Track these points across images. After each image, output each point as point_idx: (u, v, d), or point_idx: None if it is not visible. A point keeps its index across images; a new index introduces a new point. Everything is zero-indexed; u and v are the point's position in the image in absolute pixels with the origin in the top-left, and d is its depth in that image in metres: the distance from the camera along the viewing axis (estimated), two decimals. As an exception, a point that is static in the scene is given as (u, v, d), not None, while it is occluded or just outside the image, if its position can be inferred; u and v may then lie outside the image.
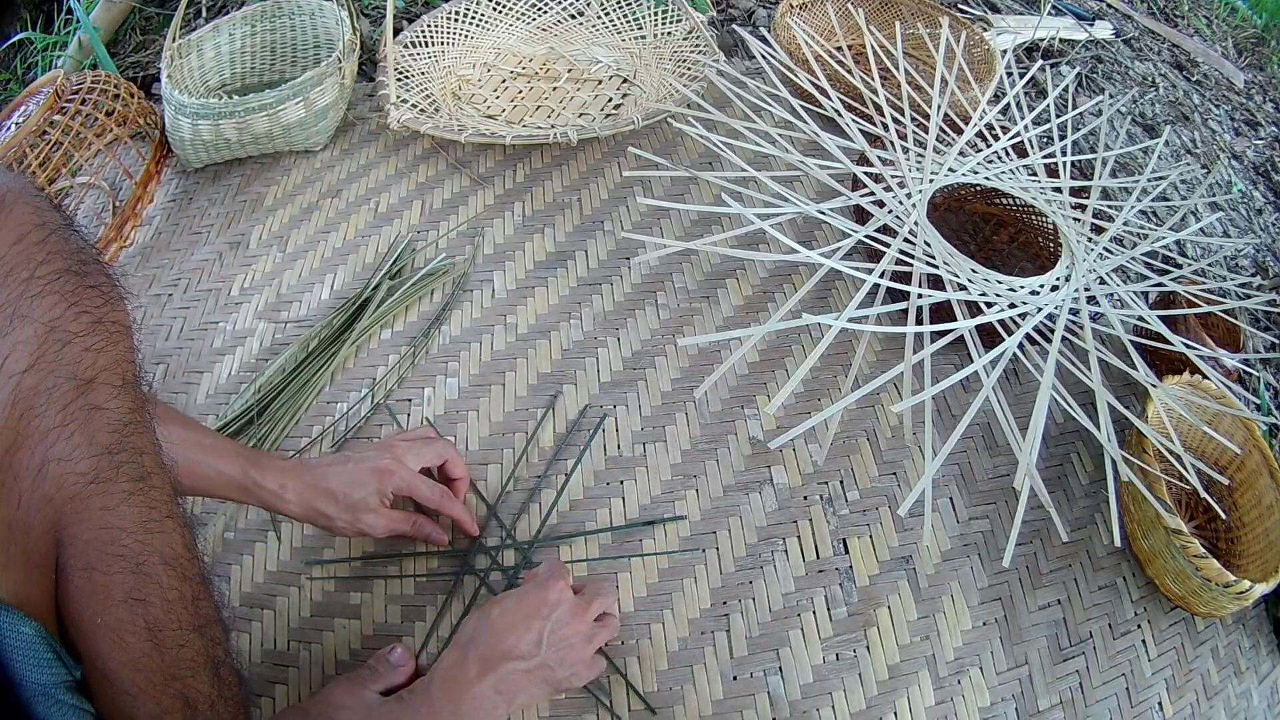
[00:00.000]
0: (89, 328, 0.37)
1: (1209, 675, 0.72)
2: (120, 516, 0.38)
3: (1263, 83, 1.61)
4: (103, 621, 0.37)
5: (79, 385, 0.36)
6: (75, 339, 0.36)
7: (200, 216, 1.01)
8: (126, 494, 0.38)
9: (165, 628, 0.39)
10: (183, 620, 0.40)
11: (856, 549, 0.72)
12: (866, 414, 0.81)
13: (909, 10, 1.24)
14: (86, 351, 0.37)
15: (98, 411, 0.37)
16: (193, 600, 0.41)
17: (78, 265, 0.37)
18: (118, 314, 0.39)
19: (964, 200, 1.01)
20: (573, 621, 0.58)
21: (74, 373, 0.36)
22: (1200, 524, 0.80)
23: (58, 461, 0.35)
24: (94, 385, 0.37)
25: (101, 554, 0.37)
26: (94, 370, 0.37)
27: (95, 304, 0.37)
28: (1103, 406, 0.70)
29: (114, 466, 0.37)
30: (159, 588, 0.39)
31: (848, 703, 0.65)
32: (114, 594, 0.37)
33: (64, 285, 0.36)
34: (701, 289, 0.90)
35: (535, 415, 0.80)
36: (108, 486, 0.37)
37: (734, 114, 0.93)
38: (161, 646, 0.39)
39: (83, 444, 0.36)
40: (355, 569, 0.71)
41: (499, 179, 1.02)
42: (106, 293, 0.38)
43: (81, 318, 0.36)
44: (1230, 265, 1.11)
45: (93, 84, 0.98)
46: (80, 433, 0.36)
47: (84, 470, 0.36)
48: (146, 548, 0.39)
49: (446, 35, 1.18)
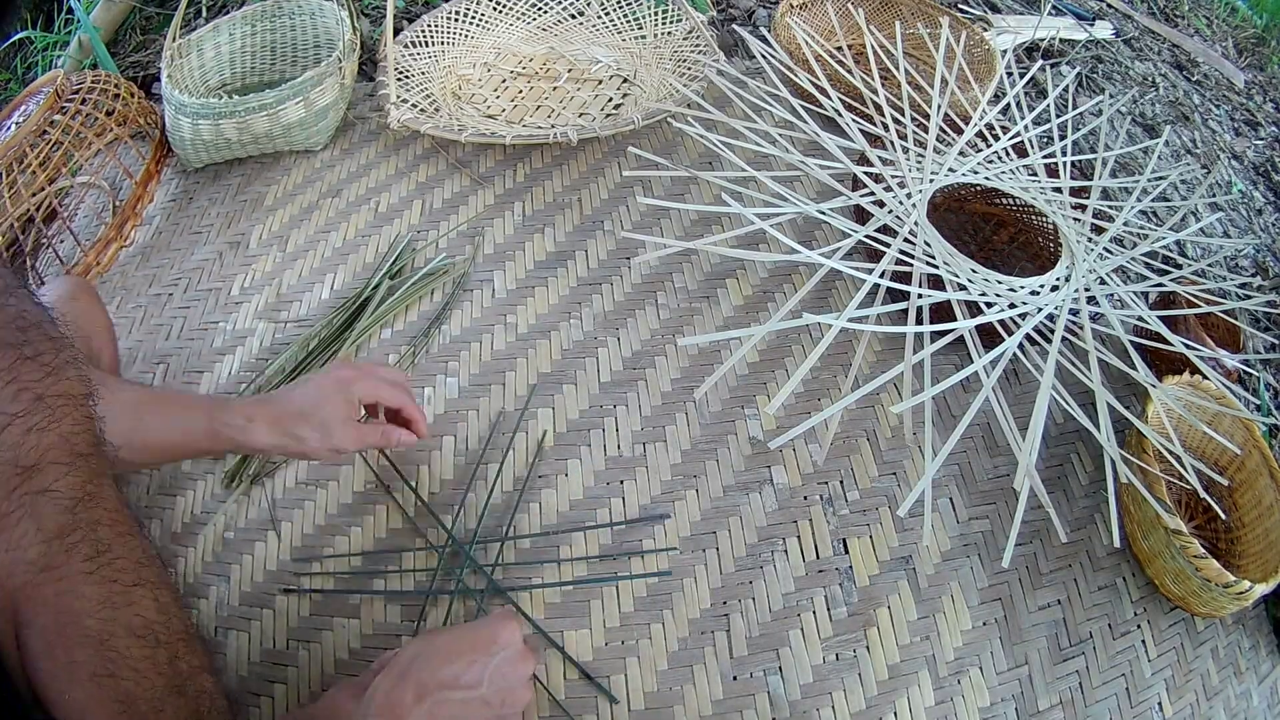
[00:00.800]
0: (30, 406, 0.35)
1: (1209, 675, 0.72)
2: (80, 597, 0.36)
3: (1263, 83, 1.61)
4: (70, 698, 0.36)
5: (22, 471, 0.35)
6: (15, 420, 0.34)
7: (200, 216, 1.01)
8: (84, 574, 0.37)
9: (138, 698, 0.38)
10: (157, 687, 0.39)
11: (856, 549, 0.72)
12: (866, 414, 0.81)
13: (909, 10, 1.24)
14: (29, 433, 0.35)
15: (44, 496, 0.35)
16: (169, 663, 0.40)
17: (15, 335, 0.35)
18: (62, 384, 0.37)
19: (964, 200, 1.01)
20: (519, 664, 0.55)
21: (15, 458, 0.34)
22: (1200, 524, 0.80)
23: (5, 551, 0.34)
24: (39, 468, 0.35)
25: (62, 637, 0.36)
26: (38, 451, 0.35)
27: (36, 378, 0.35)
28: (1103, 406, 0.70)
29: (66, 550, 0.36)
30: (128, 661, 0.38)
31: (848, 703, 0.65)
32: (78, 674, 0.36)
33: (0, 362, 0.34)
34: (701, 289, 0.90)
35: (535, 415, 0.80)
36: (62, 571, 0.36)
37: (734, 114, 0.93)
38: (136, 716, 0.38)
39: (30, 531, 0.35)
40: (344, 582, 0.71)
41: (499, 179, 1.02)
42: (48, 363, 0.36)
43: (21, 396, 0.35)
44: (1230, 265, 1.11)
45: (93, 84, 0.98)
46: (28, 519, 0.35)
47: (34, 558, 0.35)
48: (112, 624, 0.37)
49: (446, 35, 1.18)
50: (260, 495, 0.76)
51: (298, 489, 0.76)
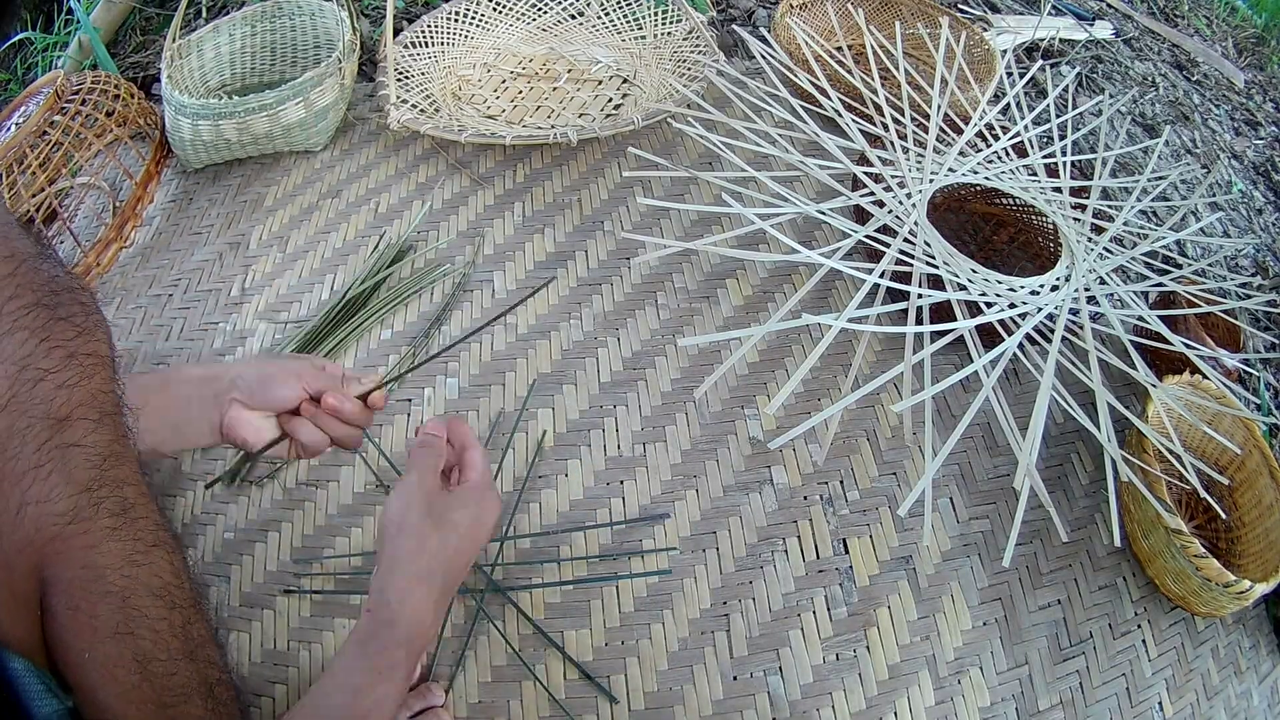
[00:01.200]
0: (62, 363, 0.36)
1: (1209, 675, 0.72)
2: (104, 554, 0.37)
3: (1263, 83, 1.61)
4: (91, 656, 0.37)
5: (53, 424, 0.35)
6: (48, 375, 0.35)
7: (200, 217, 1.01)
8: (109, 530, 0.37)
9: (155, 658, 0.39)
10: (173, 649, 0.40)
11: (856, 549, 0.72)
12: (866, 414, 0.81)
13: (909, 10, 1.24)
14: (60, 388, 0.36)
15: (74, 449, 0.36)
16: (183, 627, 0.41)
17: (49, 297, 0.36)
18: (92, 345, 0.37)
19: (964, 200, 1.00)
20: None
21: (48, 411, 0.35)
22: (1200, 524, 0.79)
23: (35, 504, 0.35)
24: (69, 422, 0.36)
25: (86, 592, 0.37)
26: (69, 407, 0.36)
27: (68, 337, 0.36)
28: (1103, 406, 0.70)
29: (94, 504, 0.37)
30: (147, 620, 0.39)
31: (848, 703, 0.65)
32: (101, 630, 0.37)
33: (34, 320, 0.35)
34: (701, 289, 0.90)
35: (535, 415, 0.80)
36: (89, 525, 0.36)
37: (734, 114, 0.93)
38: (151, 677, 0.38)
39: (60, 484, 0.35)
40: (344, 582, 0.71)
41: (499, 179, 1.02)
42: (80, 324, 0.37)
43: (54, 353, 0.35)
44: (1230, 265, 1.11)
45: (93, 84, 0.98)
46: (57, 472, 0.35)
47: (63, 511, 0.36)
48: (133, 582, 0.38)
49: (446, 35, 1.18)
50: (260, 496, 0.76)
51: (298, 489, 0.76)
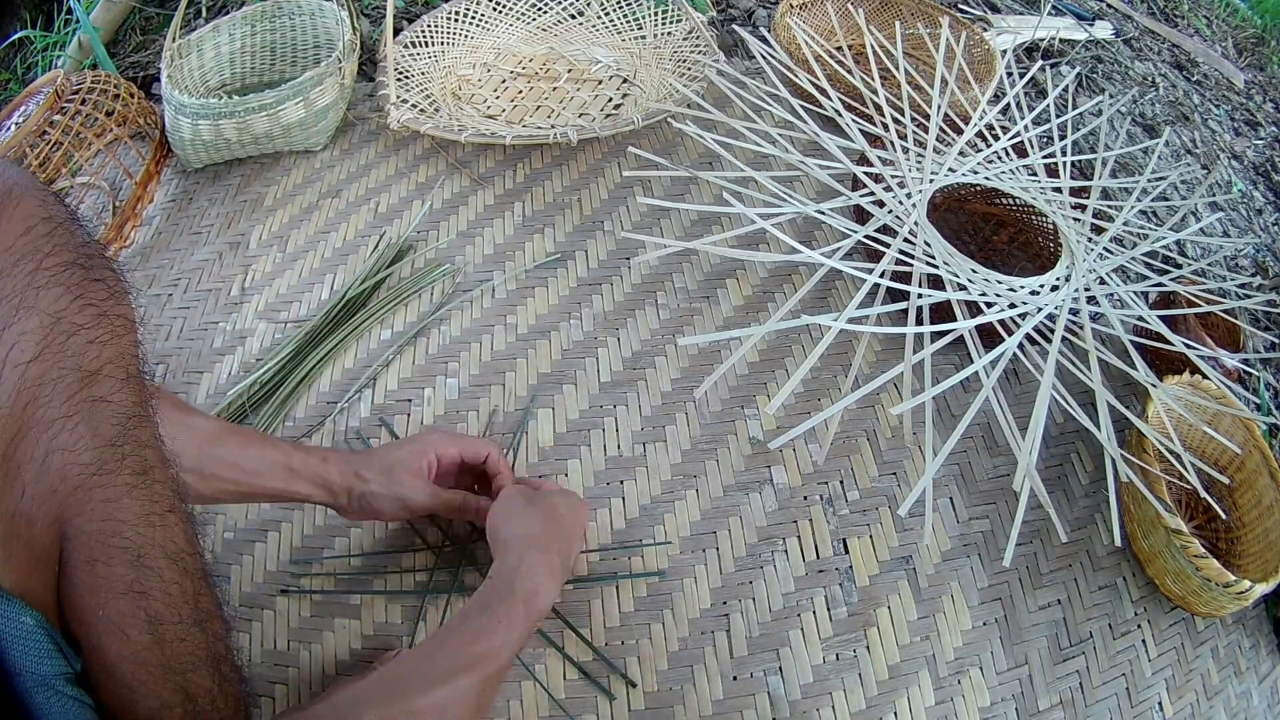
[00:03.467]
0: (94, 320, 0.37)
1: (1209, 675, 0.72)
2: (122, 509, 0.38)
3: (1263, 83, 1.61)
4: (104, 614, 0.37)
5: (84, 377, 0.36)
6: (80, 331, 0.36)
7: (200, 216, 1.01)
8: (129, 486, 0.38)
9: (166, 621, 0.39)
10: (183, 614, 0.40)
11: (856, 549, 0.72)
12: (866, 414, 0.81)
13: (909, 10, 1.24)
14: (91, 344, 0.36)
15: (102, 403, 0.37)
16: (194, 595, 0.41)
17: (83, 259, 0.37)
18: (122, 308, 0.39)
19: (964, 200, 1.01)
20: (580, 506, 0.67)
21: (79, 364, 0.36)
22: (1200, 524, 0.79)
23: (62, 452, 0.35)
24: (98, 377, 0.37)
25: (104, 546, 0.37)
26: (99, 362, 0.37)
27: (100, 297, 0.37)
28: (1103, 406, 0.70)
29: (117, 459, 0.37)
30: (160, 581, 0.39)
31: (848, 703, 0.65)
32: (115, 586, 0.37)
33: (70, 278, 0.36)
34: (701, 289, 0.90)
35: (536, 415, 0.80)
36: (110, 479, 0.37)
37: (734, 114, 0.93)
38: (162, 640, 0.39)
39: (87, 435, 0.36)
40: (344, 583, 0.71)
41: (499, 179, 1.02)
42: (112, 286, 0.38)
43: (87, 310, 0.36)
44: (1230, 265, 1.11)
45: (93, 84, 0.98)
46: (84, 424, 0.36)
47: (88, 461, 0.36)
48: (148, 541, 0.39)
49: (446, 35, 1.18)
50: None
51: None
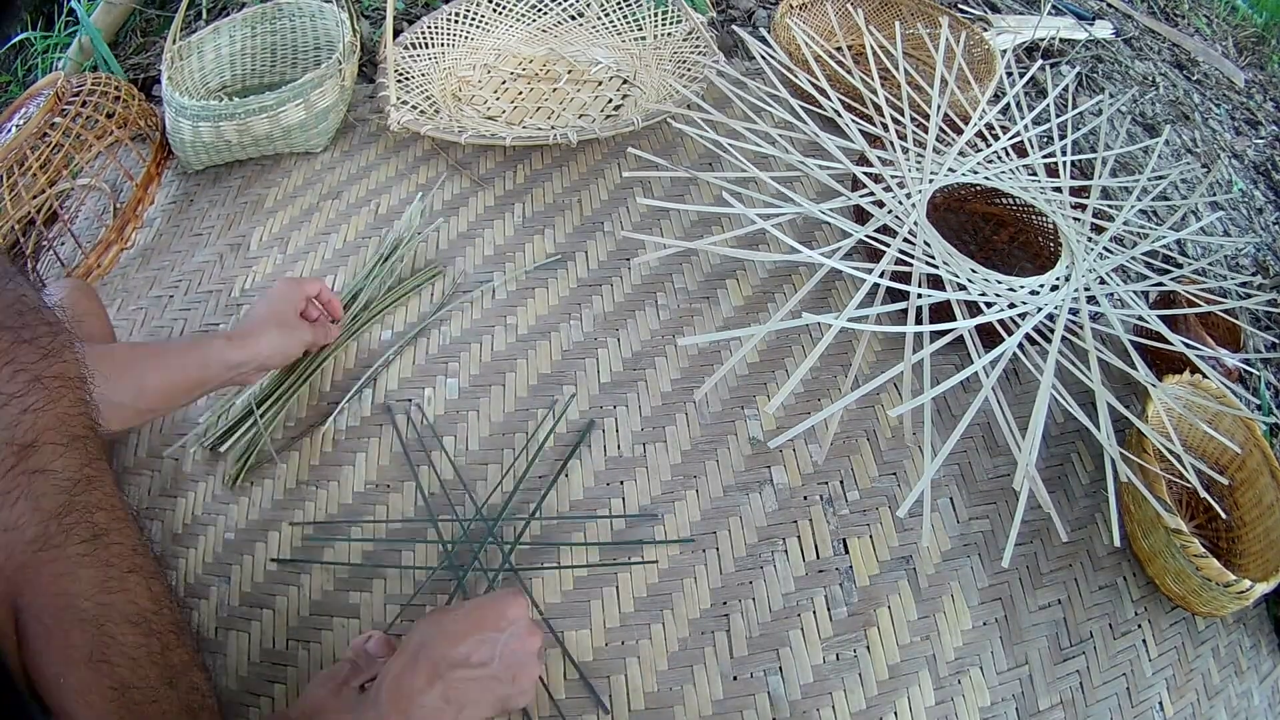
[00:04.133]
0: (26, 387, 0.35)
1: (1210, 675, 0.72)
2: (76, 581, 0.37)
3: (1263, 82, 1.61)
4: (65, 683, 0.36)
5: (18, 450, 0.35)
6: (12, 400, 0.35)
7: (201, 218, 1.02)
8: (80, 556, 0.37)
9: (132, 686, 0.38)
10: (151, 677, 0.39)
11: (856, 549, 0.72)
12: (866, 414, 0.81)
13: (909, 10, 1.24)
14: (25, 413, 0.35)
15: (41, 475, 0.36)
16: (161, 653, 0.40)
17: (13, 319, 0.36)
18: (59, 366, 0.37)
19: (964, 200, 1.01)
20: (528, 639, 0.56)
21: (12, 437, 0.35)
22: (1200, 524, 0.79)
23: (3, 531, 0.34)
24: (36, 448, 0.36)
25: (58, 620, 0.36)
26: (34, 432, 0.35)
27: (32, 360, 0.36)
28: (1103, 406, 0.70)
29: (63, 530, 0.36)
30: (122, 648, 0.38)
31: (848, 703, 0.65)
32: (74, 656, 0.37)
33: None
34: (701, 289, 0.90)
35: (536, 416, 0.80)
36: (58, 552, 0.36)
37: (734, 114, 0.93)
38: (130, 704, 0.38)
39: (27, 511, 0.35)
40: (343, 582, 0.71)
41: (499, 180, 1.02)
42: (45, 345, 0.37)
43: (18, 377, 0.35)
44: (1230, 264, 1.11)
45: (93, 86, 0.98)
46: (25, 499, 0.35)
47: (31, 538, 0.35)
48: (107, 609, 0.38)
49: (446, 37, 1.18)
50: (260, 496, 0.76)
51: (298, 489, 0.76)
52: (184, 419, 0.81)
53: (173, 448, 0.79)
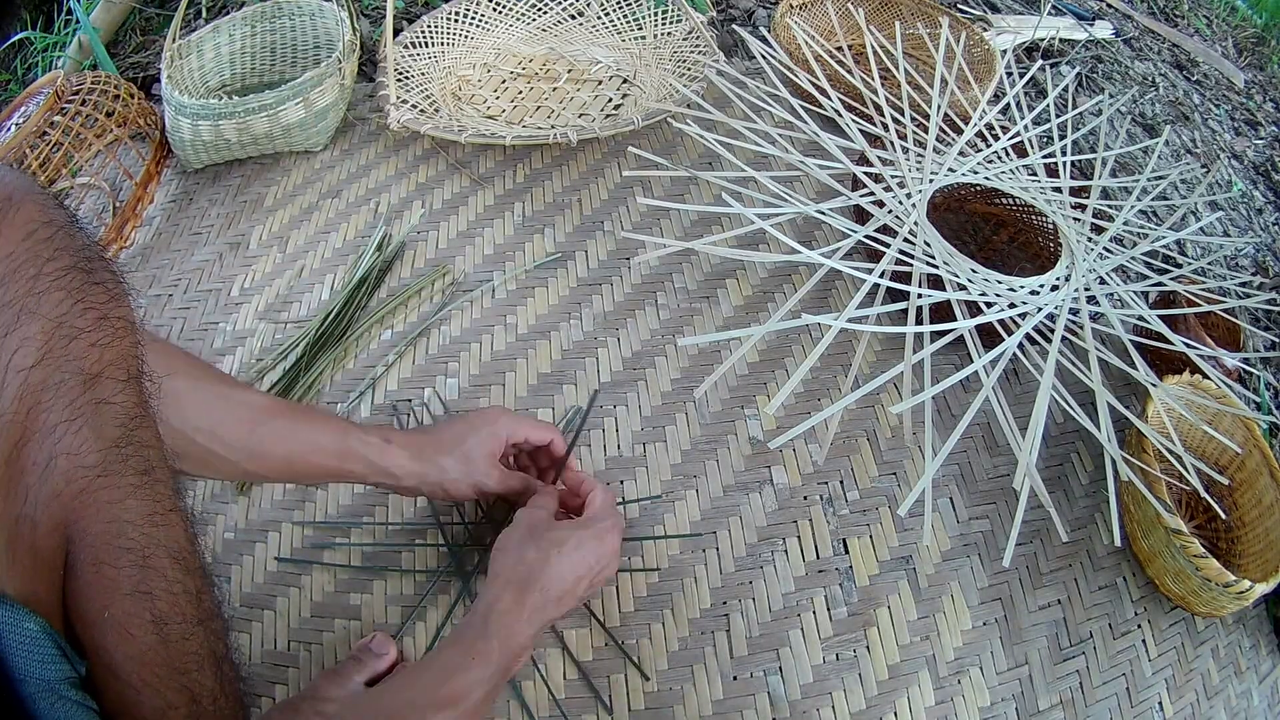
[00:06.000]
0: (95, 323, 0.37)
1: (1209, 675, 0.72)
2: (127, 510, 0.38)
3: (1263, 82, 1.61)
4: (109, 615, 0.37)
5: (86, 380, 0.36)
6: (81, 334, 0.36)
7: (200, 217, 1.01)
8: (133, 487, 0.38)
9: (170, 621, 0.39)
10: (187, 614, 0.40)
11: (856, 549, 0.72)
12: (866, 414, 0.81)
13: (909, 10, 1.24)
14: (93, 347, 0.37)
15: (104, 405, 0.37)
16: (196, 594, 0.41)
17: (84, 262, 0.37)
18: (122, 310, 0.39)
19: (964, 200, 1.00)
20: (614, 565, 0.63)
21: (81, 368, 0.36)
22: (1200, 524, 0.79)
23: (65, 455, 0.35)
24: (100, 380, 0.37)
25: (109, 547, 0.37)
26: (100, 365, 0.37)
27: (101, 300, 0.37)
28: (1103, 406, 0.70)
29: (121, 460, 0.38)
30: (164, 581, 0.39)
31: (848, 703, 0.65)
32: (121, 587, 0.38)
33: (70, 282, 0.36)
34: (701, 289, 0.90)
35: (535, 415, 0.80)
36: (115, 480, 0.37)
37: (734, 114, 0.93)
38: (167, 640, 0.39)
39: (90, 438, 0.36)
40: (344, 583, 0.71)
41: (499, 179, 1.02)
42: (111, 289, 0.38)
43: (88, 314, 0.37)
44: (1230, 264, 1.11)
45: (93, 85, 0.98)
46: (88, 427, 0.36)
47: (91, 464, 0.36)
48: (152, 541, 0.39)
49: (446, 36, 1.18)
50: (260, 496, 0.76)
51: (298, 489, 0.76)
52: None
53: None
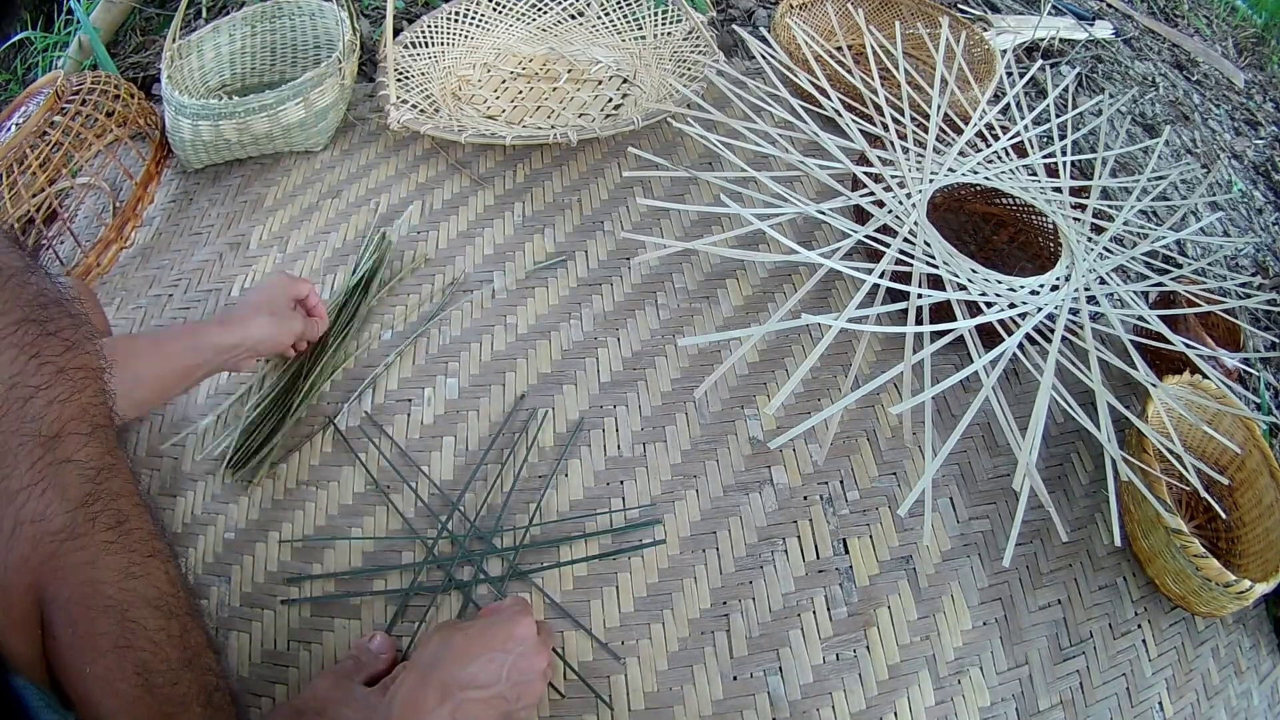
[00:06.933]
0: (52, 379, 0.36)
1: (1209, 675, 0.72)
2: (101, 569, 0.37)
3: (1263, 82, 1.61)
4: (91, 671, 0.37)
5: (46, 440, 0.35)
6: (39, 392, 0.35)
7: (200, 217, 1.01)
8: (106, 544, 0.37)
9: (155, 669, 0.39)
10: (172, 659, 0.40)
11: (856, 549, 0.72)
12: (866, 414, 0.81)
13: (909, 10, 1.24)
14: (51, 404, 0.36)
15: (68, 465, 0.36)
16: (180, 635, 0.41)
17: (37, 311, 0.36)
18: (82, 358, 0.38)
19: (964, 200, 1.01)
20: (535, 658, 0.57)
21: (39, 429, 0.35)
22: (1200, 524, 0.79)
23: (31, 522, 0.35)
24: (61, 438, 0.36)
25: (85, 608, 0.37)
26: (60, 423, 0.36)
27: (57, 352, 0.36)
28: (1103, 406, 0.70)
29: (89, 519, 0.37)
30: (146, 631, 0.39)
31: (848, 703, 0.65)
32: (100, 644, 0.37)
33: (22, 337, 0.35)
34: (701, 289, 0.90)
35: (537, 417, 0.80)
36: (85, 540, 0.36)
37: (734, 114, 0.93)
38: (153, 688, 0.38)
39: (55, 500, 0.35)
40: (334, 588, 0.71)
41: (499, 179, 1.02)
42: (69, 338, 0.37)
43: (44, 369, 0.36)
44: (1230, 265, 1.11)
45: (93, 84, 0.98)
46: (52, 489, 0.35)
47: (59, 528, 0.35)
48: (131, 594, 0.38)
49: (446, 36, 1.18)
50: (260, 496, 0.76)
51: (298, 489, 0.76)
52: (183, 418, 0.81)
53: (200, 459, 0.79)
